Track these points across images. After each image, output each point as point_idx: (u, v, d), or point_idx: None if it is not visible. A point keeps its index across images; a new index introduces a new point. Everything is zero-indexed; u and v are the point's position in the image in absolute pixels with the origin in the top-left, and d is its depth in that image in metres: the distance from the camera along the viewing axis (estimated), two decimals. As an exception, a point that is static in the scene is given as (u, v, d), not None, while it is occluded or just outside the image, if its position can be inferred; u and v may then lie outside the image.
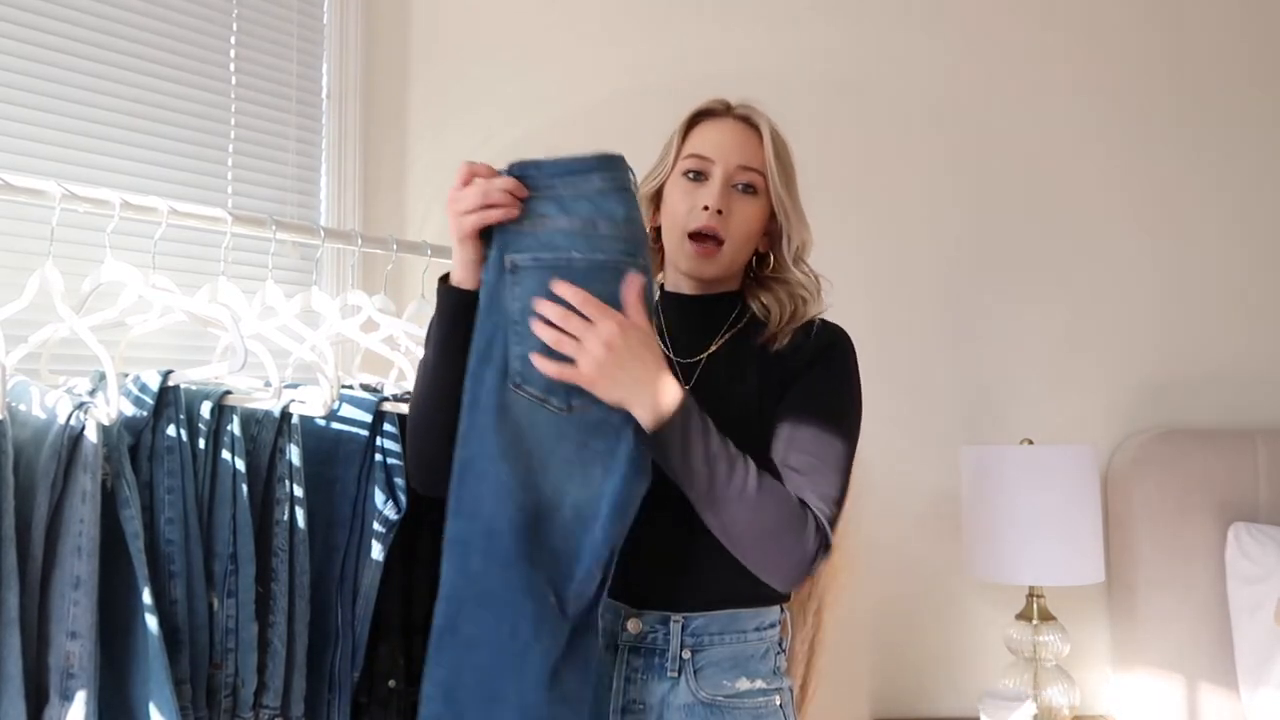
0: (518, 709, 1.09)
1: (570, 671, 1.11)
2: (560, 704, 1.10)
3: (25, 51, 1.56)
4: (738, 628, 1.23)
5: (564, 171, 1.12)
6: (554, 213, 1.11)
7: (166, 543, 1.16)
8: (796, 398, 1.22)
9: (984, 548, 2.06)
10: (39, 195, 1.18)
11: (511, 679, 1.09)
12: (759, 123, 1.29)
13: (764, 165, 1.27)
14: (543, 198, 1.11)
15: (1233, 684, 2.10)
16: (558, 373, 1.09)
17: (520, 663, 1.09)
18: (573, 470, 1.11)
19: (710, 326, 1.31)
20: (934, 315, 2.32)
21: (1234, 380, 2.35)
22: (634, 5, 2.28)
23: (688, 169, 1.29)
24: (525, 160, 1.12)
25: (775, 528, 1.11)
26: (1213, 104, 2.38)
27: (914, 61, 2.34)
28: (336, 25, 2.06)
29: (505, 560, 1.10)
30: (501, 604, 1.10)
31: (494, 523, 1.10)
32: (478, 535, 1.11)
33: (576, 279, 1.09)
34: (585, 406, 1.11)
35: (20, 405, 1.11)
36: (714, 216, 1.25)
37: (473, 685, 1.10)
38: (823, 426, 1.20)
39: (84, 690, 1.03)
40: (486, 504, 1.11)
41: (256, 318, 1.41)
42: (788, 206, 1.28)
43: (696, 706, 1.21)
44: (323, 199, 2.04)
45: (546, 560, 1.11)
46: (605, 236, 1.11)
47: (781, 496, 1.13)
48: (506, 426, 1.11)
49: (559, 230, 1.11)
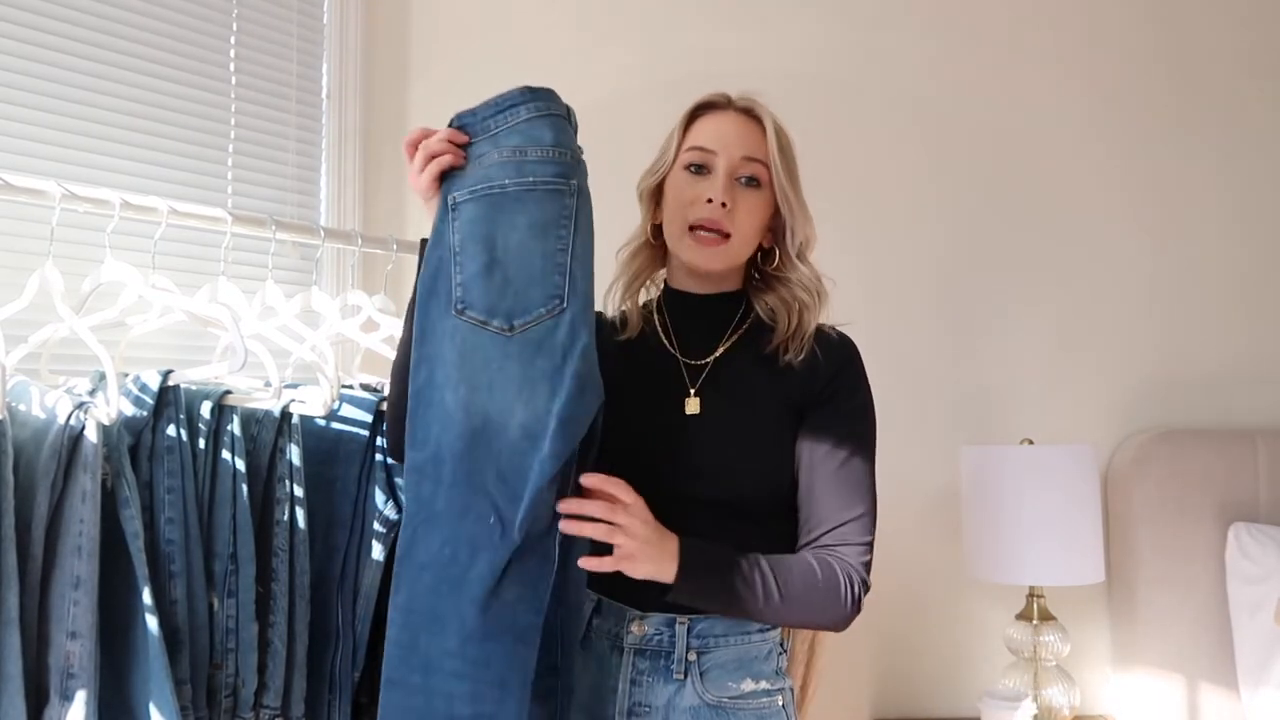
0: (457, 632, 1.10)
1: (513, 596, 1.10)
2: (499, 630, 1.10)
3: (25, 51, 1.56)
4: (742, 629, 1.23)
5: (495, 110, 1.16)
6: (488, 149, 1.16)
7: (166, 543, 1.16)
8: (817, 432, 1.24)
9: (984, 548, 2.06)
10: (39, 195, 1.18)
11: (450, 601, 1.11)
12: (761, 114, 1.28)
13: (768, 157, 1.26)
14: (481, 140, 1.17)
15: (1233, 684, 2.10)
16: (610, 566, 1.13)
17: (458, 585, 1.10)
18: (520, 390, 1.12)
19: (716, 327, 1.31)
20: (934, 315, 2.32)
21: (1234, 380, 2.35)
22: (634, 5, 2.28)
23: (689, 162, 1.27)
24: (463, 110, 1.18)
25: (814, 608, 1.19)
26: (1213, 102, 2.38)
27: (913, 60, 2.34)
28: (336, 25, 2.06)
29: (449, 483, 1.12)
30: (443, 527, 1.12)
31: (440, 448, 1.13)
32: (428, 461, 1.14)
33: (509, 205, 1.13)
34: (527, 325, 1.12)
35: (20, 405, 1.11)
36: (718, 210, 1.24)
37: (422, 608, 1.12)
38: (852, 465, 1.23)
39: (84, 690, 1.03)
40: (434, 430, 1.14)
41: (256, 318, 1.41)
42: (792, 200, 1.27)
43: (702, 709, 1.21)
44: (323, 199, 2.04)
45: (491, 482, 1.11)
46: (534, 162, 1.14)
47: (808, 582, 1.18)
48: (452, 353, 1.13)
49: (493, 164, 1.15)
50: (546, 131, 1.15)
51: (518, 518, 1.09)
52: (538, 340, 1.11)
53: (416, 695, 1.11)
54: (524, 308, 1.12)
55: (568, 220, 1.14)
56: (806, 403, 1.25)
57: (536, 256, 1.13)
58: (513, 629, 1.10)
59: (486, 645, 1.09)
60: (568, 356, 1.11)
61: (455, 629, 1.10)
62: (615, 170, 1.33)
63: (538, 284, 1.12)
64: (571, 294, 1.12)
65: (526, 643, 1.10)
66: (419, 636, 1.11)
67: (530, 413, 1.10)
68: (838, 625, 1.21)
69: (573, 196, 1.14)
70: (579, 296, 1.12)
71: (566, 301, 1.12)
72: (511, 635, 1.10)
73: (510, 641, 1.10)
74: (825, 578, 1.17)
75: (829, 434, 1.23)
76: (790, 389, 1.25)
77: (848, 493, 1.21)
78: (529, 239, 1.13)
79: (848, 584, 1.17)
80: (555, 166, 1.14)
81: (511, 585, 1.10)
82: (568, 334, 1.11)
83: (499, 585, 1.09)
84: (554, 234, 1.13)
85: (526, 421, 1.10)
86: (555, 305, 1.11)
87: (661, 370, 1.30)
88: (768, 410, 1.24)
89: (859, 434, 1.24)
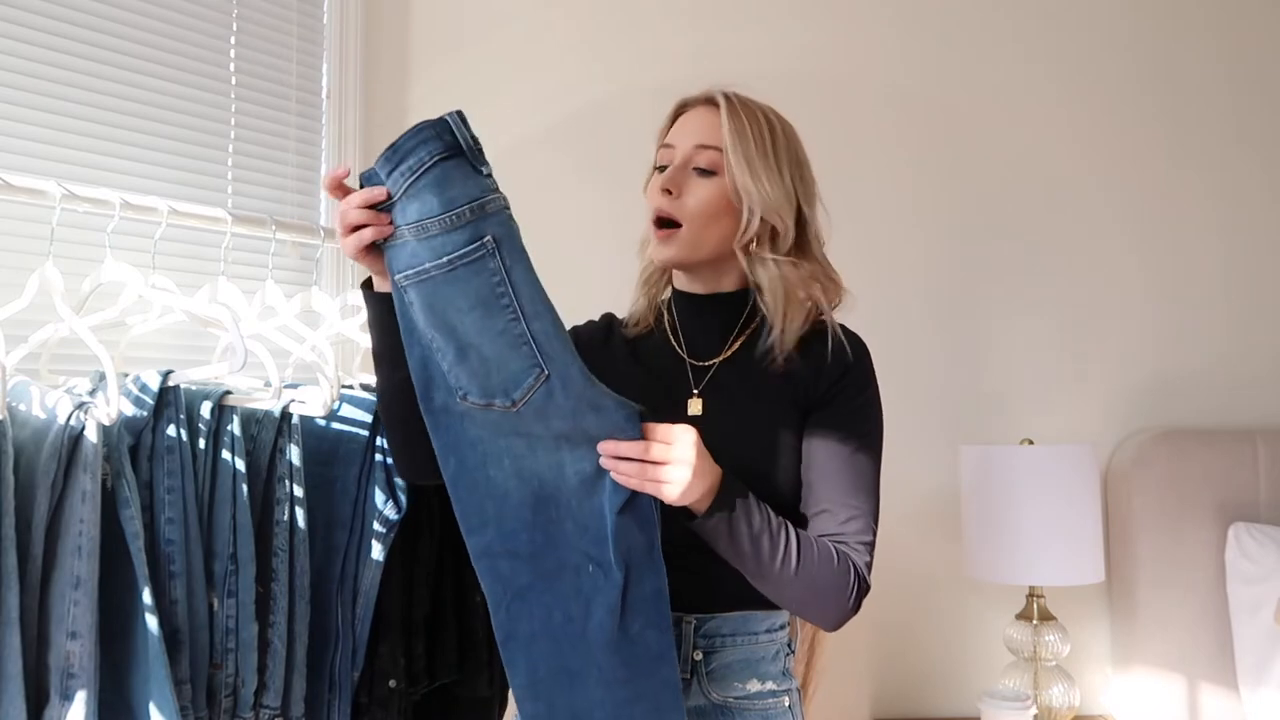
0: (599, 682, 1.10)
1: (638, 626, 1.09)
2: (638, 661, 1.09)
3: (25, 51, 1.56)
4: (749, 629, 1.23)
5: (391, 166, 1.04)
6: (400, 222, 1.05)
7: (166, 543, 1.16)
8: (822, 430, 1.21)
9: (984, 548, 2.06)
10: (39, 195, 1.18)
11: (579, 654, 1.11)
12: (720, 101, 1.23)
13: (721, 142, 1.21)
14: (396, 201, 1.05)
15: (1233, 684, 2.10)
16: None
17: (581, 641, 1.10)
18: (557, 444, 1.10)
19: (722, 328, 1.29)
20: (934, 315, 2.32)
21: (1234, 380, 2.35)
22: (635, 6, 2.28)
23: (657, 162, 1.27)
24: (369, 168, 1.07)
25: (821, 591, 1.15)
26: (1213, 101, 2.38)
27: (914, 61, 2.34)
28: (336, 25, 2.06)
29: (530, 554, 1.12)
30: (543, 595, 1.12)
31: (504, 523, 1.12)
32: (495, 541, 1.13)
33: (444, 290, 1.05)
34: (525, 397, 1.07)
35: (20, 405, 1.11)
36: (666, 199, 1.22)
37: (549, 675, 1.12)
38: (856, 462, 1.21)
39: (84, 690, 1.03)
40: (490, 510, 1.12)
41: (256, 318, 1.41)
42: (746, 181, 1.20)
43: (709, 709, 1.21)
44: (323, 199, 2.03)
45: (573, 534, 1.10)
46: (438, 236, 1.04)
47: (824, 561, 1.14)
48: (475, 433, 1.12)
49: (410, 241, 1.05)
50: (432, 197, 1.03)
51: (611, 556, 1.09)
52: (542, 408, 1.08)
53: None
54: (513, 383, 1.07)
55: (502, 286, 1.04)
56: (811, 403, 1.23)
57: (495, 334, 1.06)
58: (648, 656, 1.10)
59: (632, 683, 1.10)
60: (578, 417, 1.08)
61: (595, 679, 1.10)
62: (613, 170, 1.34)
63: (512, 359, 1.06)
64: (547, 360, 1.06)
65: (667, 661, 1.10)
66: (556, 700, 1.12)
67: (577, 458, 1.09)
68: (836, 619, 1.17)
69: (494, 256, 1.04)
70: (555, 359, 1.06)
71: (546, 368, 1.06)
72: (649, 663, 1.10)
73: (649, 670, 1.10)
74: (840, 568, 1.15)
75: (832, 432, 1.21)
76: (795, 390, 1.23)
77: (850, 491, 1.19)
78: (480, 319, 1.06)
79: (855, 579, 1.16)
80: (459, 234, 1.03)
81: (634, 618, 1.09)
82: (563, 394, 1.07)
83: (624, 622, 1.09)
84: (498, 306, 1.05)
85: (578, 467, 1.10)
86: (538, 374, 1.06)
87: (667, 370, 1.29)
88: (770, 412, 1.23)
89: (863, 433, 1.22)
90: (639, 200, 1.32)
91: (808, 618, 1.19)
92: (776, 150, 1.23)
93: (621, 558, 1.08)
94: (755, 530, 1.10)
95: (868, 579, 1.18)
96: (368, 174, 1.07)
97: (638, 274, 1.38)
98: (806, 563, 1.13)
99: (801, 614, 1.19)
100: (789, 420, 1.23)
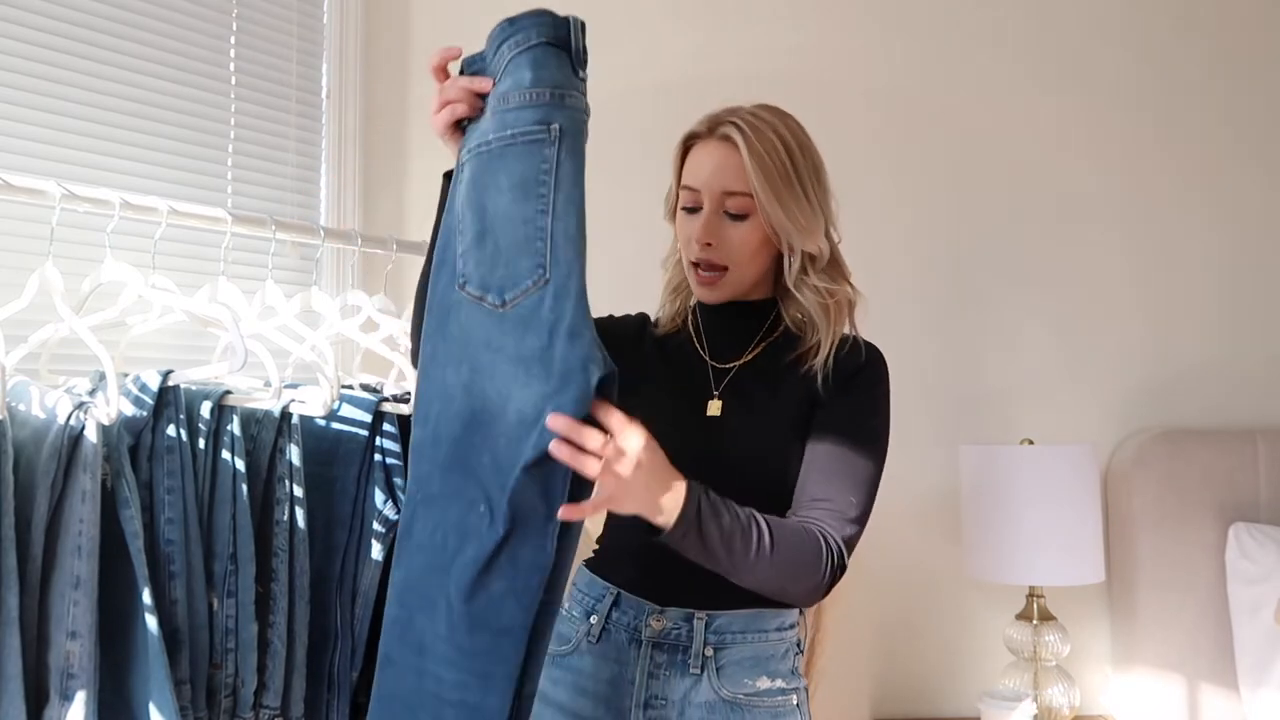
0: (445, 618, 1.07)
1: (500, 589, 1.04)
2: (484, 623, 1.05)
3: (25, 51, 1.56)
4: (759, 627, 1.24)
5: (501, 40, 1.08)
6: (491, 99, 1.09)
7: (166, 543, 1.16)
8: (823, 422, 1.23)
9: (984, 548, 2.06)
10: (39, 195, 1.18)
11: (439, 585, 1.08)
12: (736, 138, 1.23)
13: (748, 185, 1.23)
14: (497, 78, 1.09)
15: (1233, 684, 2.10)
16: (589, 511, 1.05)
17: (446, 571, 1.07)
18: (515, 373, 1.06)
19: (745, 333, 1.32)
20: (934, 315, 2.32)
21: (1234, 380, 2.34)
22: (635, 6, 2.28)
23: (683, 204, 1.29)
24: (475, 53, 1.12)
25: (793, 571, 1.15)
26: (1213, 100, 2.38)
27: (915, 61, 2.34)
28: (336, 25, 2.07)
29: (445, 465, 1.10)
30: (436, 509, 1.10)
31: (439, 428, 1.11)
32: (427, 440, 1.12)
33: (494, 164, 1.07)
34: (517, 300, 1.06)
35: (20, 405, 1.11)
36: (706, 249, 1.26)
37: (417, 588, 1.10)
38: (846, 448, 1.21)
39: (84, 690, 1.03)
40: (434, 408, 1.12)
41: (256, 318, 1.41)
42: (783, 220, 1.23)
43: (718, 704, 1.21)
44: (323, 199, 2.04)
45: (485, 469, 1.06)
46: (513, 109, 1.06)
47: (796, 541, 1.14)
48: (453, 330, 1.10)
49: (489, 117, 1.09)
50: (526, 70, 1.05)
51: (505, 507, 1.04)
52: (526, 316, 1.05)
53: (409, 675, 1.09)
54: (513, 280, 1.05)
55: (548, 176, 1.04)
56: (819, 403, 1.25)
57: (519, 222, 1.05)
58: (497, 623, 1.05)
59: (472, 636, 1.06)
60: (554, 336, 1.03)
61: (444, 615, 1.07)
62: (613, 170, 1.34)
63: (523, 253, 1.05)
64: (554, 263, 1.04)
65: (512, 639, 1.05)
66: (415, 616, 1.10)
67: (525, 398, 1.05)
68: (809, 595, 1.17)
69: (553, 144, 1.04)
70: (561, 265, 1.04)
71: (549, 271, 1.04)
72: (496, 629, 1.05)
73: (494, 636, 1.05)
74: (811, 546, 1.14)
75: (833, 422, 1.23)
76: (812, 395, 1.25)
77: (842, 474, 1.20)
78: (511, 203, 1.05)
79: (827, 553, 1.14)
80: (532, 112, 1.05)
81: (499, 578, 1.04)
82: (551, 309, 1.03)
83: (486, 576, 1.05)
84: (534, 194, 1.04)
85: (522, 408, 1.05)
86: (539, 276, 1.04)
87: (690, 371, 1.32)
88: (787, 416, 1.25)
89: (867, 427, 1.24)
90: (638, 199, 1.32)
91: (777, 597, 1.18)
92: (800, 174, 1.25)
93: (510, 513, 1.03)
94: (726, 531, 1.11)
95: (844, 558, 1.16)
96: (471, 58, 1.12)
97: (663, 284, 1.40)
98: (778, 550, 1.12)
99: (776, 596, 1.18)
100: (805, 425, 1.25)
